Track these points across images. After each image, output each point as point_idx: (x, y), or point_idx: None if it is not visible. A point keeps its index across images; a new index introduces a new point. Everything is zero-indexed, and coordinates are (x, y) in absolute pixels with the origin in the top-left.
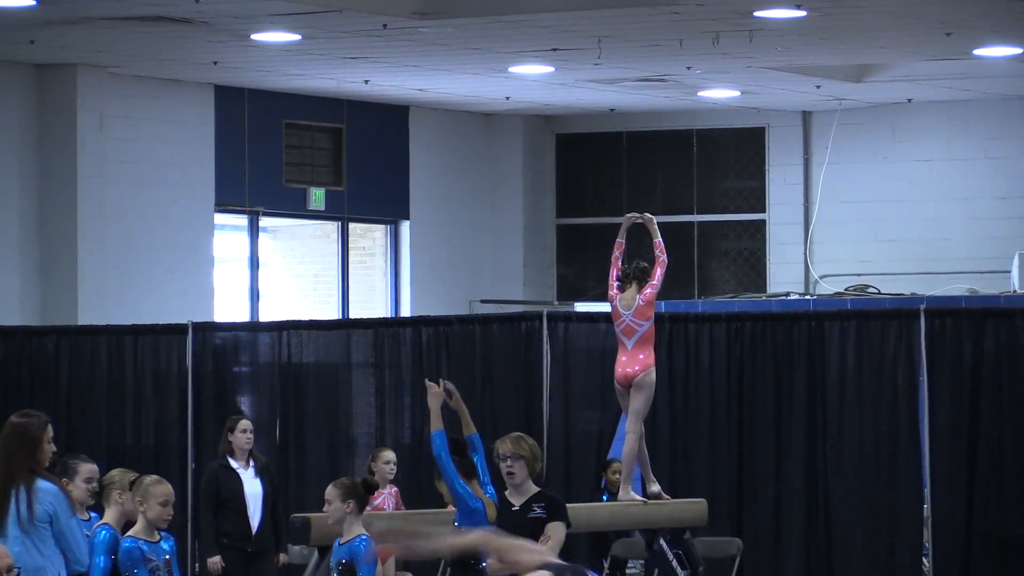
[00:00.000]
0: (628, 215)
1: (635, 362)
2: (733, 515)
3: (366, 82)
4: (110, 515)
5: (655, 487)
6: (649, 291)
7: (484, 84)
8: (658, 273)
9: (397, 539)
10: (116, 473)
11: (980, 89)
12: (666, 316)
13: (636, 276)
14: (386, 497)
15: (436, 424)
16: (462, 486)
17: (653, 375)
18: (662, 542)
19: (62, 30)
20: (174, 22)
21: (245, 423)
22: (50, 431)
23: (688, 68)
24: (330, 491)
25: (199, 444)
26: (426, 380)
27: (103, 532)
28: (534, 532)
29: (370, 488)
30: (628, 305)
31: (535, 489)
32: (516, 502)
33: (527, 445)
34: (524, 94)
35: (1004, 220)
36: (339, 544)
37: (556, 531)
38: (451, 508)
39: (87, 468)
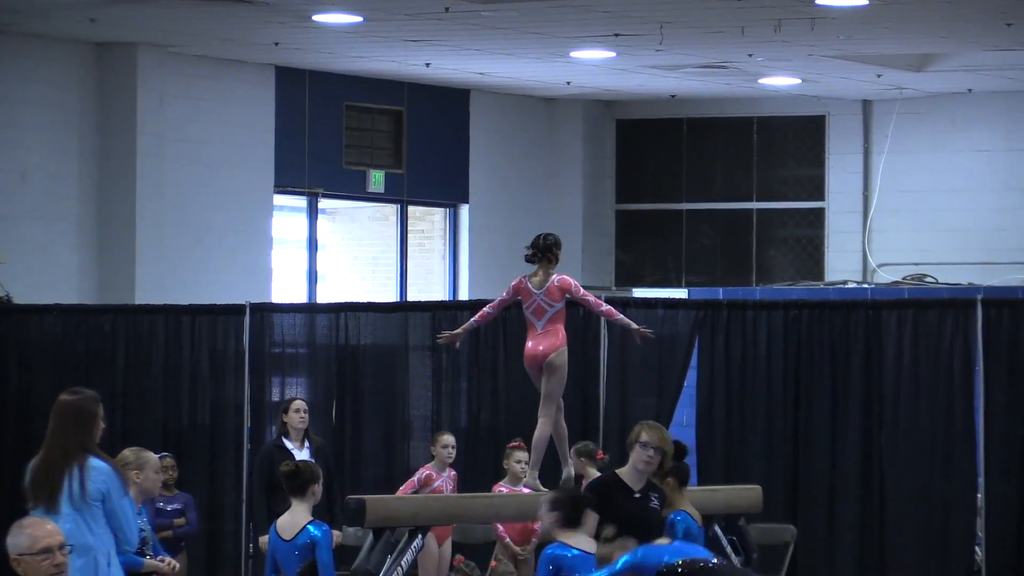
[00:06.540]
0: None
1: (544, 342)
2: (788, 502)
3: (427, 65)
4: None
5: (568, 470)
6: (575, 286)
7: (545, 69)
8: (591, 298)
9: None
10: (129, 453)
11: None
12: (724, 303)
13: (544, 252)
14: (444, 480)
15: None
16: None
17: (565, 355)
18: (716, 528)
19: (123, 9)
20: (236, 2)
21: (299, 403)
22: (102, 409)
23: (749, 55)
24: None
25: (255, 425)
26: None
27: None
28: (655, 520)
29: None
30: (539, 285)
31: (647, 478)
32: (636, 487)
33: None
34: (585, 79)
35: None
36: None
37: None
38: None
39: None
